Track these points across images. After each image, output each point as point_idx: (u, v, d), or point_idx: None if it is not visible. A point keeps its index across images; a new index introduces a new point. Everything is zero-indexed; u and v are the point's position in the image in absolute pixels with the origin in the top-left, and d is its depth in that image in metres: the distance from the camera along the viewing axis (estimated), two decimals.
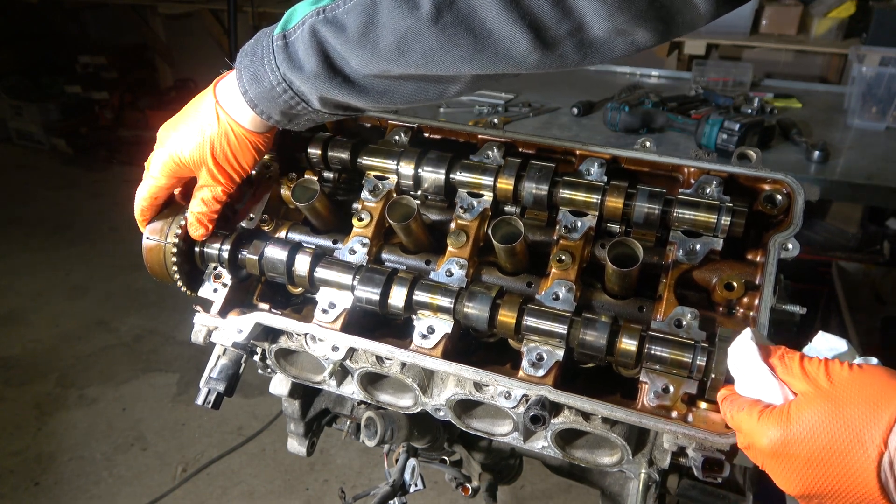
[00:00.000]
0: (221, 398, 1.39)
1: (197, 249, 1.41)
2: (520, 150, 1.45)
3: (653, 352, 1.13)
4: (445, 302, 1.24)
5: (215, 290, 1.38)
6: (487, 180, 1.35)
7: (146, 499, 3.57)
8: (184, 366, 4.55)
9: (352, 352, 1.30)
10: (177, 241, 1.37)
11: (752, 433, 0.93)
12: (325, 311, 1.30)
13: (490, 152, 1.40)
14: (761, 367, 0.96)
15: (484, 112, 3.67)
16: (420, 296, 1.26)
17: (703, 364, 1.10)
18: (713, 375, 1.08)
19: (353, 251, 1.36)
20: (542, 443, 1.29)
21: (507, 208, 1.41)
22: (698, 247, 1.24)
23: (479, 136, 1.45)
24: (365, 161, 1.43)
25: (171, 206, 1.43)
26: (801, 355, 0.94)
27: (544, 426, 1.16)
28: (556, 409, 1.20)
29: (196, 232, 1.38)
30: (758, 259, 1.27)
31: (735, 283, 1.20)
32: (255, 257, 1.36)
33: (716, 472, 1.12)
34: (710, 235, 1.24)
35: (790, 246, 1.21)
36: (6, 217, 6.48)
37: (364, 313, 1.35)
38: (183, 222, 1.38)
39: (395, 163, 1.40)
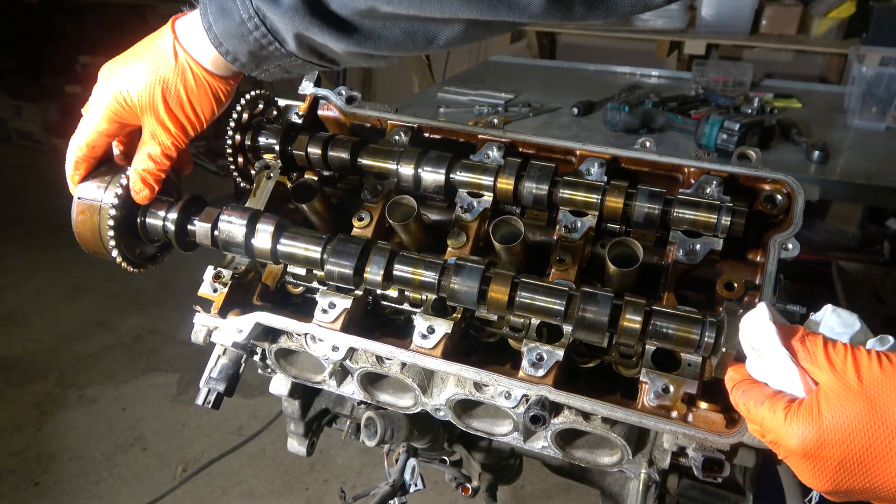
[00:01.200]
0: (221, 398, 1.39)
1: (139, 220, 1.24)
2: (520, 150, 1.45)
3: (658, 328, 1.08)
4: (429, 277, 1.16)
5: (215, 290, 1.38)
6: (487, 180, 1.35)
7: (146, 499, 3.57)
8: (184, 366, 4.55)
9: (352, 352, 1.30)
10: (116, 202, 1.18)
11: (777, 431, 0.87)
12: (325, 311, 1.30)
13: (490, 152, 1.40)
14: (780, 351, 0.89)
15: (484, 112, 3.67)
16: (401, 270, 1.17)
17: (712, 340, 1.04)
18: (723, 350, 1.00)
19: None
20: (542, 443, 1.29)
21: (507, 208, 1.41)
22: (698, 247, 1.24)
23: (479, 136, 1.45)
24: (365, 161, 1.43)
25: (108, 165, 1.25)
26: (825, 340, 0.88)
27: (544, 426, 1.16)
28: (556, 409, 1.20)
29: (140, 193, 1.20)
30: (758, 259, 1.27)
31: (735, 283, 1.20)
32: (208, 226, 1.20)
33: (716, 472, 1.12)
34: (710, 235, 1.24)
35: (790, 246, 1.21)
36: (6, 217, 6.48)
37: (364, 313, 1.35)
38: (124, 182, 1.20)
39: (395, 163, 1.40)
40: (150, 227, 1.24)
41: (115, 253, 1.21)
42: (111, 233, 1.18)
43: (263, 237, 1.18)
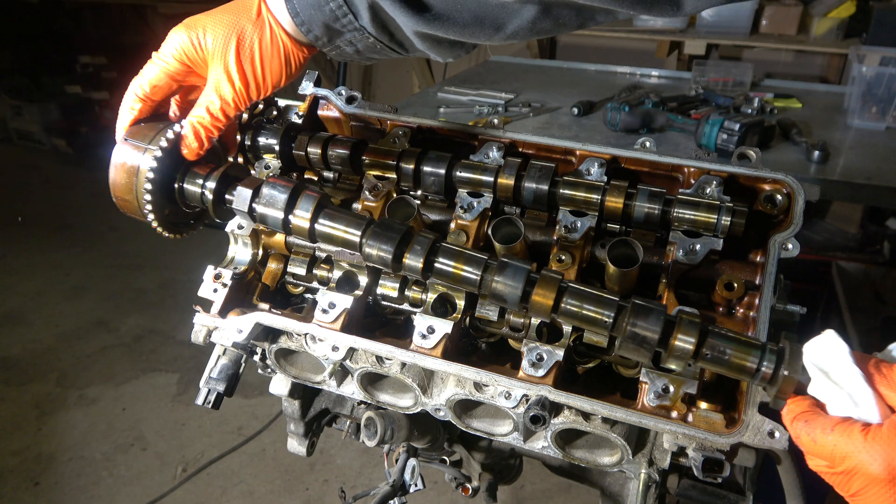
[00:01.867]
0: (221, 398, 1.39)
1: (177, 181, 1.18)
2: (520, 150, 1.45)
3: (712, 350, 0.99)
4: (470, 272, 1.09)
5: (215, 290, 1.38)
6: (487, 180, 1.35)
7: (146, 499, 3.57)
8: (184, 366, 4.56)
9: (352, 352, 1.30)
10: (164, 147, 1.12)
11: (856, 457, 0.80)
12: (325, 311, 1.30)
13: (490, 152, 1.40)
14: (854, 372, 0.84)
15: (484, 112, 3.67)
16: (442, 263, 1.10)
17: (770, 369, 0.95)
18: (784, 374, 0.93)
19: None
20: (542, 443, 1.29)
21: (507, 208, 1.41)
22: (698, 247, 1.24)
23: (479, 136, 1.45)
24: (365, 161, 1.43)
25: (160, 118, 1.20)
26: None
27: (544, 426, 1.16)
28: (556, 409, 1.20)
29: (190, 146, 1.16)
30: (758, 259, 1.27)
31: (735, 283, 1.20)
32: (249, 192, 1.13)
33: (716, 472, 1.12)
34: (710, 235, 1.24)
35: (790, 246, 1.20)
36: (6, 217, 6.48)
37: (364, 313, 1.35)
38: (176, 129, 1.15)
39: (395, 163, 1.40)
40: (187, 189, 1.18)
41: (147, 207, 1.15)
42: (148, 182, 1.11)
43: (303, 214, 1.12)
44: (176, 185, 1.19)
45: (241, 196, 1.15)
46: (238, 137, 1.39)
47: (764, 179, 1.28)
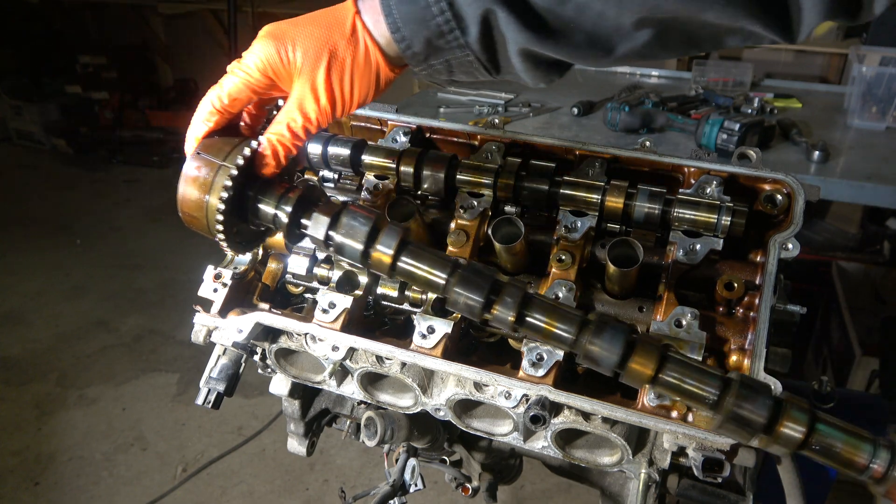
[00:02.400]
0: (221, 398, 1.39)
1: (250, 197, 1.11)
2: (520, 150, 1.45)
3: (820, 441, 0.93)
4: (564, 331, 1.01)
5: (215, 290, 1.38)
6: (487, 180, 1.35)
7: (146, 499, 3.57)
8: (184, 366, 4.56)
9: (352, 352, 1.30)
10: (240, 164, 1.05)
11: None
12: (325, 311, 1.30)
13: (490, 152, 1.40)
14: None
15: (484, 112, 3.68)
16: (535, 318, 1.02)
17: (883, 466, 0.91)
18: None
19: None
20: (542, 443, 1.29)
21: (507, 208, 1.41)
22: (698, 247, 1.24)
23: (479, 136, 1.45)
24: (365, 160, 1.43)
25: (232, 132, 1.13)
26: None
27: (544, 426, 1.16)
28: (556, 408, 1.20)
29: (268, 163, 1.09)
30: (758, 259, 1.27)
31: (735, 283, 1.20)
32: (326, 219, 1.07)
33: (716, 472, 1.12)
34: (711, 235, 1.24)
35: (790, 246, 1.20)
36: (6, 217, 6.49)
37: (364, 313, 1.35)
38: (253, 146, 1.09)
39: (395, 162, 1.40)
40: (261, 209, 1.10)
41: (219, 226, 1.07)
42: (222, 202, 1.04)
43: (384, 249, 1.06)
44: (249, 204, 1.10)
45: (317, 223, 1.07)
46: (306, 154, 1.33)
47: (764, 179, 1.28)
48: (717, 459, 1.12)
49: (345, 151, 1.44)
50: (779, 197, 1.26)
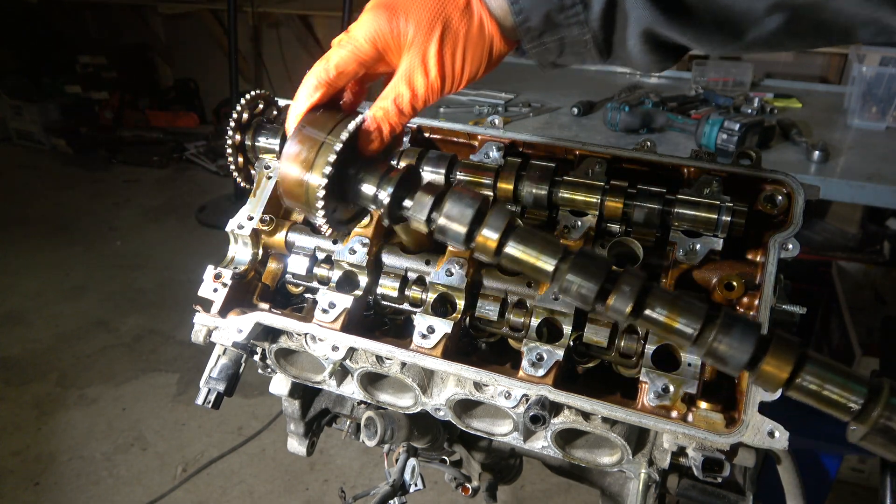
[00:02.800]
0: (221, 398, 1.39)
1: (350, 182, 1.06)
2: (520, 150, 1.45)
3: None
4: (686, 325, 0.93)
5: (215, 290, 1.38)
6: (487, 180, 1.35)
7: (146, 499, 3.57)
8: (184, 366, 4.55)
9: (352, 352, 1.30)
10: (342, 145, 1.01)
11: None
12: (325, 311, 1.30)
13: (490, 152, 1.40)
14: None
15: (484, 112, 3.67)
16: (654, 310, 0.95)
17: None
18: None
19: (353, 251, 1.36)
20: (542, 443, 1.29)
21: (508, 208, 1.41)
22: (698, 247, 1.24)
23: (479, 136, 1.45)
24: None
25: (334, 107, 1.09)
26: None
27: (544, 426, 1.16)
28: (556, 408, 1.20)
29: (373, 139, 1.04)
30: (758, 259, 1.27)
31: (735, 283, 1.20)
32: (429, 199, 1.02)
33: (716, 471, 1.12)
34: (711, 235, 1.24)
35: (790, 246, 1.21)
36: (6, 217, 6.49)
37: (363, 313, 1.35)
38: (358, 121, 1.04)
39: (395, 163, 1.40)
40: (362, 188, 1.06)
41: (319, 202, 1.03)
42: (325, 177, 1.00)
43: (491, 232, 1.00)
44: (349, 183, 1.06)
45: (420, 204, 1.03)
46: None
47: (764, 179, 1.28)
48: (717, 459, 1.12)
49: None
50: (779, 197, 1.26)
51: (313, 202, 1.03)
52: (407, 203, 1.05)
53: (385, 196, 1.04)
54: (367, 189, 1.05)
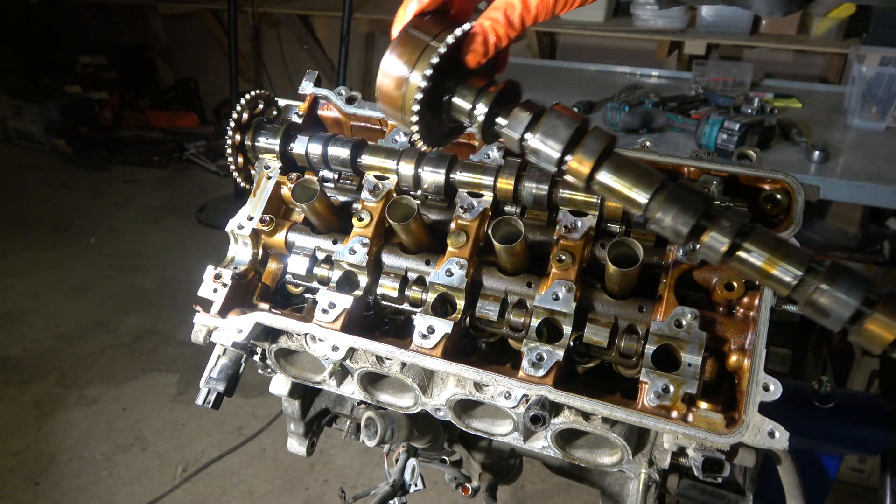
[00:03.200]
0: (221, 398, 1.39)
1: (447, 94, 1.03)
2: None
3: None
4: (788, 272, 0.87)
5: (215, 290, 1.38)
6: (487, 180, 1.35)
7: (146, 499, 3.57)
8: (184, 366, 4.56)
9: (352, 352, 1.30)
10: (446, 49, 0.97)
11: None
12: (325, 311, 1.30)
13: (490, 152, 1.40)
14: None
15: None
16: (752, 252, 0.90)
17: None
18: None
19: (353, 251, 1.36)
20: (542, 443, 1.29)
21: (507, 208, 1.41)
22: (698, 247, 1.24)
23: None
24: (365, 161, 1.43)
25: (442, 16, 1.06)
26: None
27: (544, 426, 1.16)
28: (556, 409, 1.20)
29: (477, 50, 1.00)
30: None
31: (735, 283, 1.20)
32: (526, 116, 0.99)
33: (716, 472, 1.12)
34: None
35: None
36: (6, 217, 6.48)
37: (363, 313, 1.35)
38: (466, 28, 1.00)
39: (395, 163, 1.40)
40: (457, 101, 1.03)
41: (415, 107, 1.00)
42: (425, 79, 0.97)
43: (585, 157, 0.96)
44: (446, 96, 1.03)
45: (516, 120, 0.99)
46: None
47: (764, 179, 1.28)
48: (717, 459, 1.12)
49: (345, 151, 1.44)
50: (779, 197, 1.26)
51: (409, 106, 0.99)
52: (501, 120, 1.01)
53: (481, 111, 1.01)
54: (464, 103, 1.02)
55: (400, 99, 1.00)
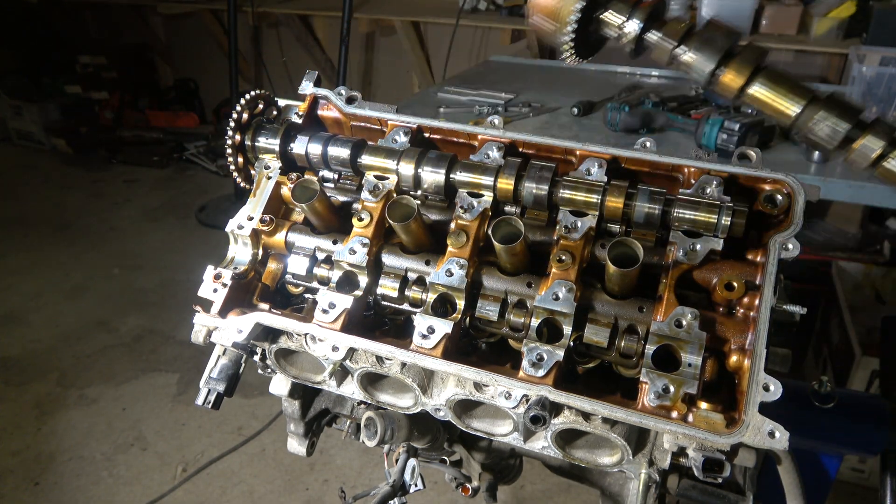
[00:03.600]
0: (221, 398, 1.39)
1: (597, 14, 1.07)
2: (520, 150, 1.45)
3: None
4: None
5: (215, 290, 1.38)
6: (487, 180, 1.35)
7: (146, 499, 3.58)
8: (184, 366, 4.56)
9: (352, 352, 1.30)
10: None
11: None
12: (325, 312, 1.30)
13: (490, 152, 1.40)
14: None
15: (484, 112, 3.67)
16: None
17: None
18: None
19: (353, 251, 1.36)
20: (542, 443, 1.29)
21: (507, 208, 1.41)
22: (698, 247, 1.24)
23: (479, 136, 1.45)
24: (365, 161, 1.43)
25: None
26: None
27: (544, 426, 1.16)
28: (556, 409, 1.20)
29: None
30: (758, 259, 1.27)
31: (735, 283, 1.20)
32: (682, 28, 1.03)
33: (716, 472, 1.12)
34: (711, 235, 1.24)
35: (790, 246, 1.20)
36: (6, 217, 6.48)
37: (363, 313, 1.35)
38: None
39: (395, 163, 1.40)
40: (608, 15, 1.08)
41: (574, 17, 1.05)
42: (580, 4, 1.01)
43: (740, 67, 1.01)
44: (599, 9, 1.08)
45: (672, 31, 1.05)
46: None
47: (764, 179, 1.28)
48: (718, 459, 1.12)
49: (345, 151, 1.44)
50: (779, 197, 1.26)
51: (566, 14, 1.04)
52: (652, 36, 1.05)
53: (634, 24, 1.04)
54: (616, 17, 1.06)
55: (559, 11, 1.05)
